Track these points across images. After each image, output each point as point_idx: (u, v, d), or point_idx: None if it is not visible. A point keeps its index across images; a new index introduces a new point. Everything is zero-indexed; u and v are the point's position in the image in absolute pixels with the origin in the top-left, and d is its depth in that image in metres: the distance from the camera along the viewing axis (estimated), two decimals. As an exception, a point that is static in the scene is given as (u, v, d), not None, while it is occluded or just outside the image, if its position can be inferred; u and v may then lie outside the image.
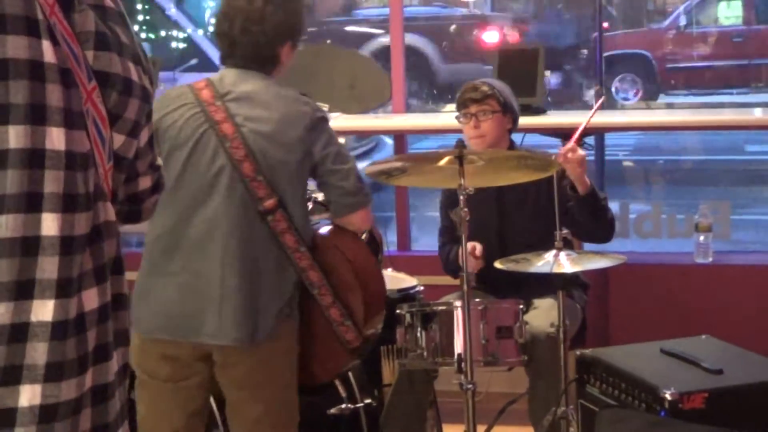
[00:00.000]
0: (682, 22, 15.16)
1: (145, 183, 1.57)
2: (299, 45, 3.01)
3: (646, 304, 4.51)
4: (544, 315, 3.56)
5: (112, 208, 1.38)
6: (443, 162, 3.20)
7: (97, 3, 1.39)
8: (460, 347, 3.25)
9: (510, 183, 3.52)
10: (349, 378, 3.42)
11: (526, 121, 4.12)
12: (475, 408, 3.17)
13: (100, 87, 1.36)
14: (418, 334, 3.36)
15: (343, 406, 3.38)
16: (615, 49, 14.25)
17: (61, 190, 1.26)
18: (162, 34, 11.58)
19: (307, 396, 3.34)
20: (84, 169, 1.30)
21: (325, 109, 2.95)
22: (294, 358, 2.92)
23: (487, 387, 3.61)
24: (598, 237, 3.75)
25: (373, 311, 2.96)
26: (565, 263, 3.33)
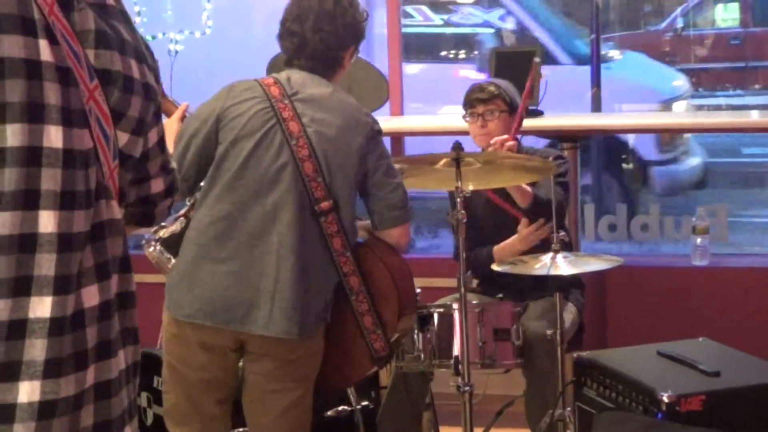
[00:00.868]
0: (679, 24, 15.18)
1: (158, 186, 1.56)
2: (359, 51, 3.05)
3: (644, 307, 4.51)
4: (541, 317, 3.55)
5: (117, 206, 1.38)
6: (440, 164, 3.20)
7: (97, 1, 1.40)
8: (457, 349, 3.25)
9: (507, 185, 3.53)
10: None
11: (524, 123, 4.11)
12: (472, 410, 3.17)
13: (102, 85, 1.36)
14: (415, 337, 3.36)
15: (340, 408, 3.38)
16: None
17: (59, 187, 1.26)
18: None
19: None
20: (85, 167, 1.30)
21: None
22: (320, 360, 2.93)
23: (484, 389, 3.61)
24: None
25: (405, 318, 3.00)
26: (562, 266, 3.32)
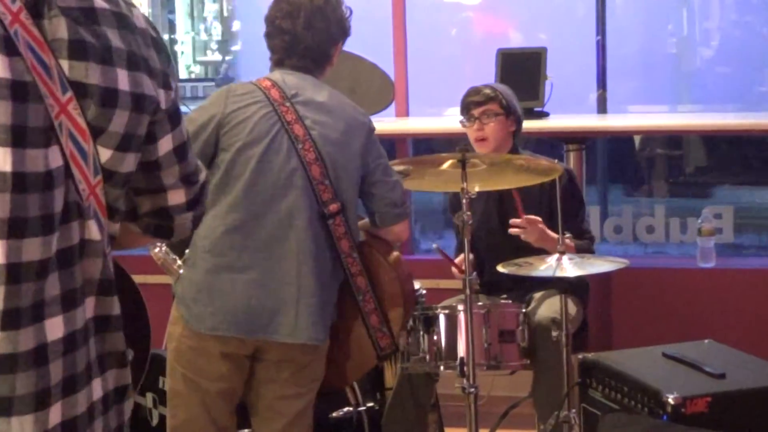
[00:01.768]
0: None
1: (177, 198, 1.48)
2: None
3: (649, 308, 4.50)
4: (545, 306, 3.56)
5: (97, 226, 1.29)
6: (446, 165, 3.20)
7: (83, 5, 1.31)
8: (462, 351, 3.25)
9: (511, 187, 3.53)
10: (351, 381, 3.42)
11: (528, 125, 4.11)
12: (478, 411, 3.17)
13: (78, 98, 1.27)
14: (421, 338, 3.36)
15: (346, 409, 3.38)
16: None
17: (7, 213, 1.18)
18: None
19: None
20: (45, 189, 1.21)
21: None
22: (325, 361, 2.94)
23: (490, 390, 3.61)
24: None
25: (407, 313, 3.03)
26: (567, 267, 3.32)
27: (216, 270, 2.80)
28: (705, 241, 4.52)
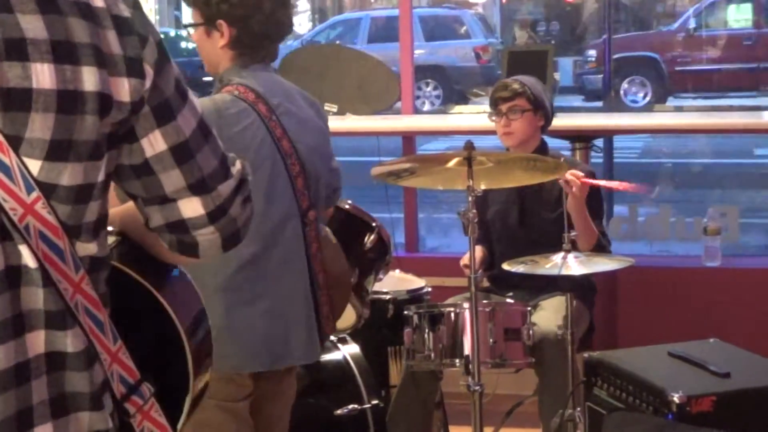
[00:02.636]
0: (692, 24, 15.14)
1: (192, 209, 1.30)
2: None
3: (654, 307, 4.50)
4: (551, 316, 3.55)
5: (33, 251, 1.14)
6: (452, 163, 3.20)
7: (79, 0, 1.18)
8: (467, 349, 3.25)
9: (518, 185, 3.53)
10: (356, 379, 3.42)
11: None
12: (483, 410, 3.17)
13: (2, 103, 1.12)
14: (426, 336, 3.36)
15: (351, 406, 3.38)
16: (624, 51, 14.25)
17: None
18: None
19: (314, 397, 3.34)
20: None
21: (334, 110, 2.94)
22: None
23: (495, 389, 3.60)
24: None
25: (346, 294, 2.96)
26: (573, 265, 3.32)
27: (233, 307, 2.68)
28: (710, 241, 4.52)
